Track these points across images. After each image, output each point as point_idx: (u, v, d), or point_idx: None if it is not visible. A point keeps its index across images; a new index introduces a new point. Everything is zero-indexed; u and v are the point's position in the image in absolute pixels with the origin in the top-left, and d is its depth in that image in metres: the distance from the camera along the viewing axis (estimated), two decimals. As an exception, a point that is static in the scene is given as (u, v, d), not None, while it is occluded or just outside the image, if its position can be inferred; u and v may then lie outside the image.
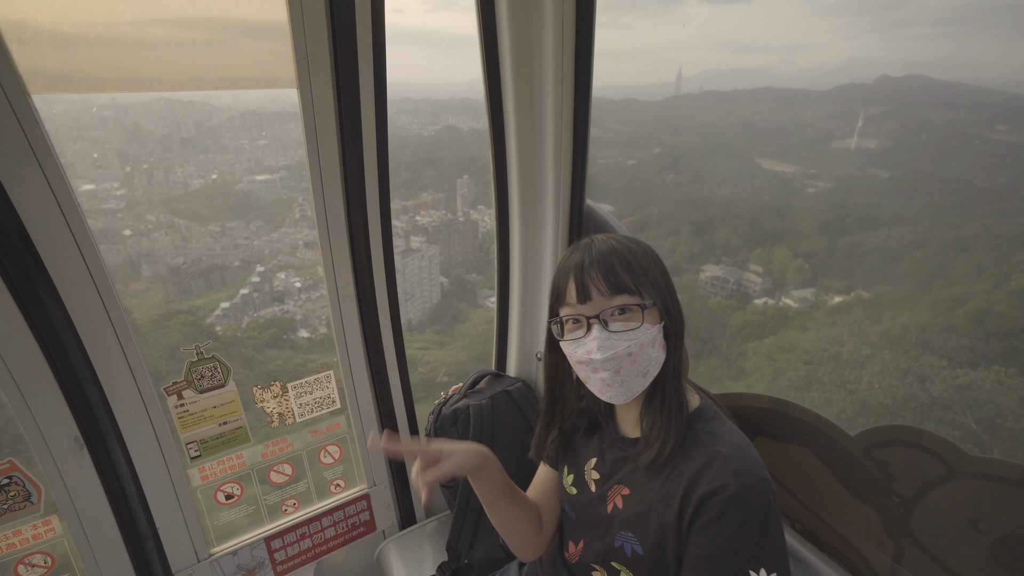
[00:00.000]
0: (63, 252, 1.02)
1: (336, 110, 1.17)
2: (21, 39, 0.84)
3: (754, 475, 0.79)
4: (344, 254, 1.32)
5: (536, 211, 1.57)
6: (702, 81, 2.13)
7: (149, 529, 1.28)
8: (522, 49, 1.34)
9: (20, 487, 1.12)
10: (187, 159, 9.91)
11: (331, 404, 1.48)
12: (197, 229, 8.85)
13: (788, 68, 1.71)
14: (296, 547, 1.49)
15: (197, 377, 1.27)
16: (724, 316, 1.77)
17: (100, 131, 7.30)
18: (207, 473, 1.34)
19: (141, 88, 0.96)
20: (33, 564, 1.17)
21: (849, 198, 1.39)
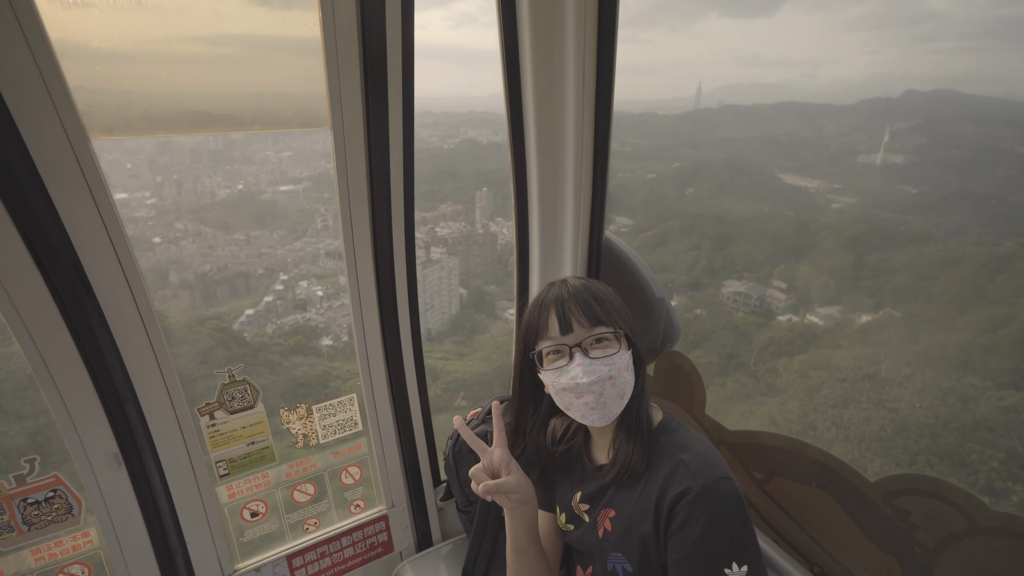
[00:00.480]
0: (112, 283, 1.09)
1: (366, 145, 1.23)
2: (84, 89, 0.91)
3: (713, 475, 0.85)
4: (370, 283, 1.37)
5: (555, 239, 1.60)
6: (722, 95, 2.12)
7: (179, 543, 1.33)
8: (543, 66, 1.36)
9: (63, 500, 1.19)
10: (215, 169, 10.22)
11: (353, 426, 1.52)
12: (223, 237, 9.09)
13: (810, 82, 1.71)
14: (316, 566, 1.52)
15: (228, 399, 1.33)
16: (749, 332, 1.76)
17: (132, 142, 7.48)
18: (234, 491, 1.40)
19: (188, 131, 1.03)
20: (71, 574, 1.23)
21: (876, 214, 1.38)
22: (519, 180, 1.56)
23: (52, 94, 0.92)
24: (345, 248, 1.32)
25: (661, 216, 2.36)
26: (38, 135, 0.93)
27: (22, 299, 1.01)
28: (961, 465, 0.94)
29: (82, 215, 1.02)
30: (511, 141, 1.50)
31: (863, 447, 1.02)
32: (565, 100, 1.39)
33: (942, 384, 1.00)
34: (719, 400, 1.36)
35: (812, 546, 1.20)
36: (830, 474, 1.14)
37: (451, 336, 8.92)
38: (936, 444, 0.96)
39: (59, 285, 1.04)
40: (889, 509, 1.05)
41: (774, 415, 1.17)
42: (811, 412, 1.12)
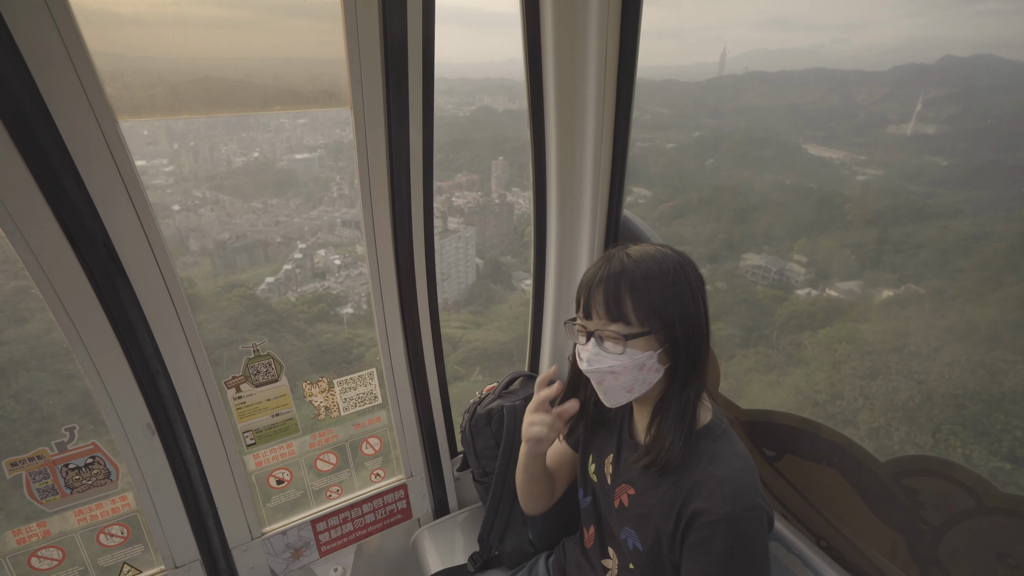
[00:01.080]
0: (141, 261, 1.12)
1: (386, 122, 1.22)
2: (114, 77, 0.92)
3: (745, 502, 0.83)
4: (389, 262, 1.39)
5: (573, 218, 1.60)
6: (747, 61, 2.02)
7: (210, 507, 1.40)
8: (565, 29, 1.31)
9: (102, 466, 1.25)
10: (230, 137, 10.17)
11: (373, 399, 1.57)
12: (240, 205, 9.14)
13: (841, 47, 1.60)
14: (339, 530, 1.60)
15: (253, 372, 1.37)
16: (770, 305, 1.74)
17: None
18: (261, 460, 1.46)
19: (213, 111, 1.04)
20: (112, 534, 1.31)
21: (903, 187, 1.33)
22: (537, 152, 1.53)
23: (82, 79, 0.93)
24: (364, 223, 1.34)
25: (680, 187, 2.31)
26: (69, 118, 0.94)
27: (58, 276, 1.05)
28: (985, 434, 0.95)
29: (111, 195, 1.04)
30: (530, 109, 1.47)
31: (889, 416, 1.03)
32: (587, 66, 1.34)
33: (971, 357, 0.99)
34: (744, 371, 1.39)
35: (820, 521, 1.23)
36: (841, 453, 1.15)
37: (468, 306, 8.97)
38: (962, 414, 0.97)
39: (92, 263, 1.07)
40: (898, 488, 1.07)
41: (800, 385, 1.18)
42: (838, 383, 1.14)
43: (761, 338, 1.65)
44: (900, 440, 0.97)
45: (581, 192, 1.55)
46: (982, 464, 0.88)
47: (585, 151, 1.47)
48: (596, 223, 1.56)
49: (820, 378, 1.18)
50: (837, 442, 1.16)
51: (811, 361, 1.25)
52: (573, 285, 1.69)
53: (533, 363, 1.86)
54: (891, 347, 1.16)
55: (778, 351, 1.52)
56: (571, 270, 1.67)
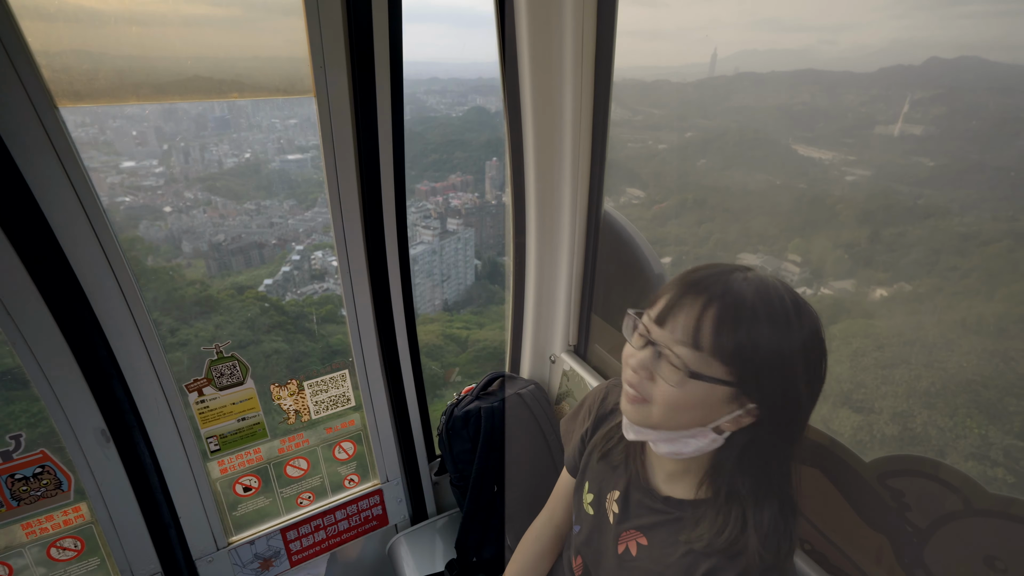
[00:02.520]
0: (88, 255, 1.06)
1: (352, 112, 1.17)
2: (48, 52, 0.86)
3: (776, 550, 0.74)
4: (360, 258, 1.34)
5: (552, 215, 1.55)
6: (738, 62, 2.01)
7: (171, 517, 1.33)
8: (540, 28, 1.28)
9: (52, 476, 1.18)
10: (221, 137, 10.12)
11: (346, 402, 1.51)
12: (233, 207, 9.09)
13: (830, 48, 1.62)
14: (311, 538, 1.54)
15: (217, 375, 1.31)
16: None
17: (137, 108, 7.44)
18: (226, 466, 1.39)
19: (162, 98, 0.98)
20: (64, 547, 1.24)
21: (891, 187, 1.32)
22: (515, 149, 1.49)
23: (15, 63, 0.87)
24: (333, 219, 1.28)
25: (673, 188, 2.31)
26: (1, 104, 0.88)
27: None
28: (999, 417, 0.97)
29: (52, 185, 0.97)
30: (506, 108, 1.44)
31: (911, 401, 1.05)
32: (563, 63, 1.32)
33: (987, 347, 1.00)
34: None
35: (803, 524, 1.18)
36: (824, 453, 1.11)
37: (467, 306, 8.98)
38: (977, 399, 0.99)
39: (33, 257, 1.00)
40: (883, 489, 1.02)
41: None
42: (859, 373, 1.15)
43: None
44: (923, 422, 1.02)
45: (560, 190, 1.51)
46: (998, 442, 0.93)
47: (563, 148, 1.44)
48: (576, 220, 1.52)
49: (842, 369, 1.18)
50: (820, 442, 1.11)
51: (831, 352, 1.26)
52: (553, 283, 1.64)
53: (513, 364, 1.81)
54: (906, 340, 1.16)
55: None
56: (551, 268, 1.62)
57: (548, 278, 1.64)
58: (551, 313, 1.70)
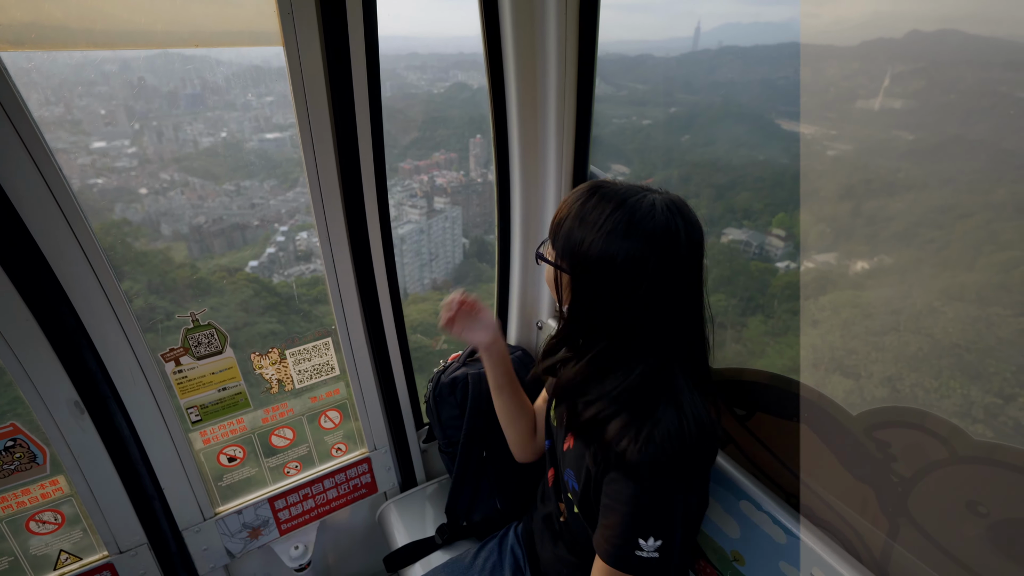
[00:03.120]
0: (47, 219, 1.00)
1: (324, 64, 1.11)
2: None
3: (668, 451, 0.81)
4: (339, 219, 1.29)
5: (538, 179, 1.52)
6: (721, 35, 1.98)
7: (155, 489, 1.31)
8: (523, 7, 1.26)
9: (25, 449, 1.15)
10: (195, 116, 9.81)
11: (330, 371, 1.48)
12: (212, 188, 8.87)
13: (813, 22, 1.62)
14: (300, 507, 1.53)
15: (194, 344, 1.27)
16: (763, 277, 1.75)
17: (105, 86, 7.13)
18: (209, 437, 1.37)
19: (114, 45, 0.91)
20: (44, 521, 1.22)
21: (872, 161, 1.33)
22: (499, 130, 1.48)
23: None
24: (309, 180, 1.23)
25: (658, 164, 2.30)
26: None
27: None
28: (979, 376, 1.01)
29: (1, 142, 0.91)
30: (490, 89, 1.41)
31: (900, 365, 1.10)
32: (547, 40, 1.30)
33: (971, 313, 1.06)
34: (762, 334, 1.49)
35: (790, 478, 1.20)
36: (812, 408, 1.11)
37: (457, 285, 8.99)
38: (960, 361, 1.03)
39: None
40: (869, 441, 1.03)
41: (816, 344, 1.23)
42: (851, 340, 1.20)
43: (759, 307, 1.65)
44: (911, 384, 1.06)
45: (545, 163, 1.49)
46: (979, 400, 0.98)
47: (548, 123, 1.41)
48: (561, 192, 1.48)
49: (834, 337, 1.24)
50: (808, 397, 1.11)
51: (823, 322, 1.26)
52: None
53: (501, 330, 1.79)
54: (893, 309, 1.20)
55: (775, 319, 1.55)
56: (537, 231, 1.59)
57: (533, 245, 1.61)
58: (537, 280, 1.67)
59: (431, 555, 1.48)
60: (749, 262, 1.87)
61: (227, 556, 1.45)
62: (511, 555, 1.29)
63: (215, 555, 1.44)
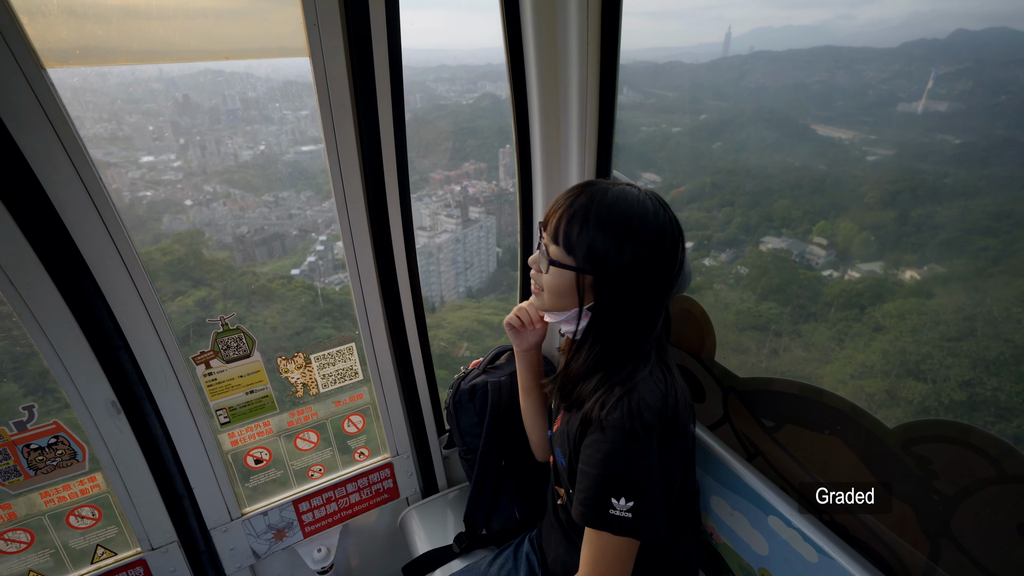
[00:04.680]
0: (88, 225, 1.06)
1: (349, 73, 1.14)
2: (31, 11, 0.85)
3: (642, 419, 0.86)
4: (362, 225, 1.32)
5: (560, 186, 1.52)
6: (753, 40, 1.96)
7: (185, 488, 1.35)
8: (545, 17, 1.28)
9: (66, 446, 1.21)
10: (235, 130, 10.27)
11: (353, 375, 1.51)
12: (252, 199, 9.25)
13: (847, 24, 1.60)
14: (323, 510, 1.55)
15: (223, 347, 1.31)
16: (813, 286, 1.68)
17: (152, 103, 7.54)
18: (237, 439, 1.40)
19: (151, 60, 0.96)
20: (83, 516, 1.27)
21: (915, 166, 1.30)
22: (522, 139, 1.49)
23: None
24: (333, 185, 1.26)
25: (689, 172, 2.28)
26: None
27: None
28: None
29: (45, 150, 0.97)
30: (513, 99, 1.44)
31: (979, 370, 1.07)
32: (568, 49, 1.31)
33: None
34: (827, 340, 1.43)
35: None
36: (845, 421, 1.06)
37: (492, 293, 9.13)
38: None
39: (34, 228, 1.01)
40: (908, 457, 0.97)
41: (887, 349, 1.22)
42: (925, 345, 1.18)
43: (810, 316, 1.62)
44: (991, 388, 1.03)
45: (567, 172, 1.49)
46: None
47: (570, 133, 1.42)
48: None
49: (905, 342, 1.21)
50: (841, 409, 1.06)
51: (891, 329, 1.26)
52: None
53: (523, 337, 1.78)
54: (966, 315, 1.17)
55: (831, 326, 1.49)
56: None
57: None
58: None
59: (450, 563, 1.47)
60: (797, 270, 1.84)
61: (253, 556, 1.48)
62: (526, 561, 1.28)
63: (241, 555, 1.47)
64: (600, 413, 0.88)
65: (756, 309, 1.65)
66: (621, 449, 0.86)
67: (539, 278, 0.97)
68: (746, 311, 1.74)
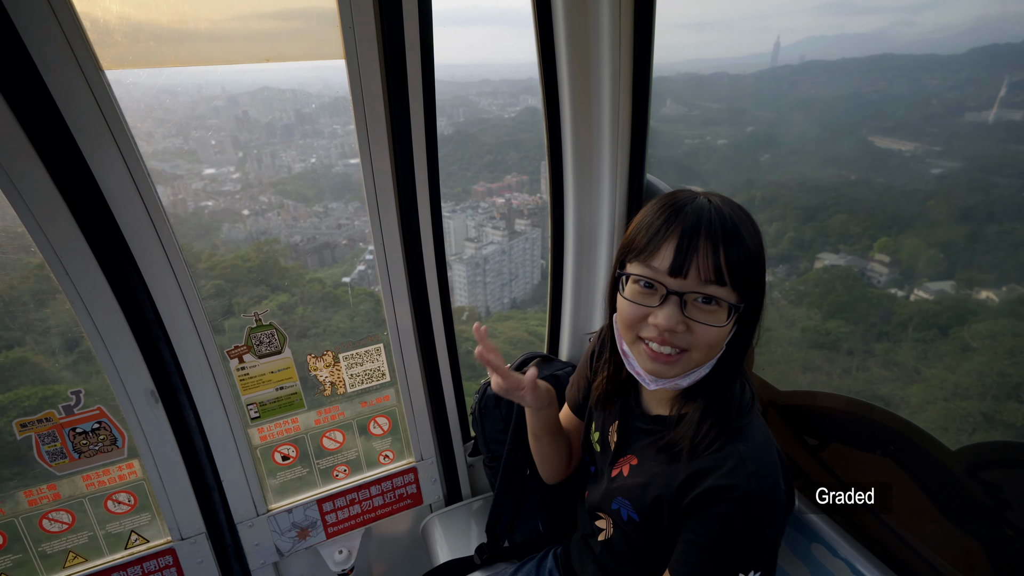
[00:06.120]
0: (137, 222, 1.12)
1: (383, 78, 1.16)
2: (92, 17, 0.91)
3: (768, 482, 0.77)
4: (393, 228, 1.33)
5: (592, 192, 1.49)
6: (803, 50, 1.92)
7: (215, 481, 1.38)
8: (577, 21, 1.28)
9: (108, 432, 1.26)
10: (289, 144, 10.82)
11: (381, 377, 1.51)
12: (304, 209, 9.70)
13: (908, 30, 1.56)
14: (346, 511, 1.55)
15: (256, 343, 1.35)
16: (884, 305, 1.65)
17: (215, 119, 8.01)
18: (266, 434, 1.43)
19: (196, 62, 1.01)
20: (120, 501, 1.32)
21: (986, 180, 1.24)
22: (553, 144, 1.48)
23: (64, 26, 0.93)
24: (364, 182, 1.28)
25: (736, 185, 2.21)
26: (52, 68, 0.94)
27: (56, 236, 1.05)
28: None
29: (101, 147, 1.03)
30: (545, 105, 1.42)
31: None
32: (601, 57, 1.31)
33: None
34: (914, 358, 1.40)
35: (873, 522, 1.04)
36: (900, 441, 0.97)
37: (535, 304, 9.18)
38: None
39: (88, 222, 1.07)
40: (974, 483, 0.87)
41: (982, 370, 1.17)
42: None
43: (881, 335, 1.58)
44: None
45: (599, 167, 1.46)
46: None
47: (602, 144, 1.41)
48: (617, 195, 1.44)
49: (1001, 364, 1.17)
50: (895, 427, 0.97)
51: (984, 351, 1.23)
52: (593, 259, 1.57)
53: (552, 345, 1.75)
54: None
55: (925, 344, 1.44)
56: (590, 244, 1.55)
57: (587, 259, 1.58)
58: (590, 295, 1.62)
59: (471, 575, 1.43)
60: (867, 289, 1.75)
61: (277, 554, 1.50)
62: (550, 579, 1.22)
63: (266, 551, 1.48)
64: (726, 481, 0.76)
65: (823, 327, 1.57)
66: (757, 522, 0.77)
67: (683, 338, 0.77)
68: (812, 328, 1.66)
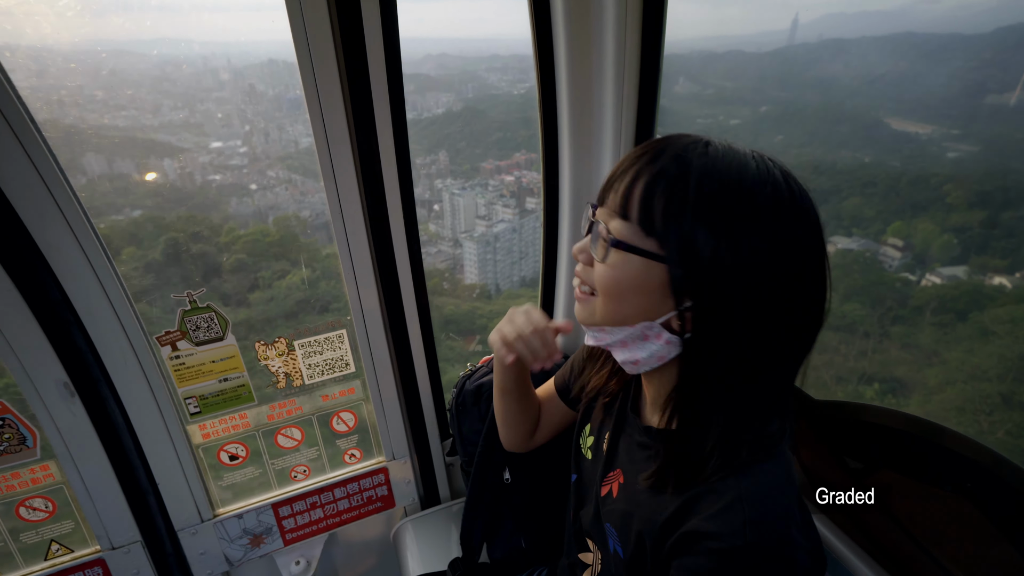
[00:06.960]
0: (26, 182, 0.91)
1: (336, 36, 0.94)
2: None
3: (772, 536, 0.58)
4: (355, 200, 1.12)
5: (591, 181, 1.27)
6: (822, 27, 1.85)
7: (149, 484, 1.21)
8: None
9: (14, 430, 1.08)
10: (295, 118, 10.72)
11: (344, 367, 1.31)
12: (311, 185, 9.62)
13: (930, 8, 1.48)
14: (306, 516, 1.38)
15: (192, 328, 1.15)
16: (899, 289, 1.62)
17: (220, 92, 7.76)
18: (208, 431, 1.25)
19: None
20: (34, 508, 1.15)
21: (1008, 164, 1.20)
22: (548, 128, 1.26)
23: None
24: (317, 144, 1.07)
25: None
26: None
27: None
28: None
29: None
30: (539, 85, 1.21)
31: None
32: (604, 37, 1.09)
33: None
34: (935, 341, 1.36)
35: (927, 563, 0.82)
36: (977, 472, 0.74)
37: None
38: None
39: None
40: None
41: (1004, 354, 1.10)
42: None
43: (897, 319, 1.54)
44: None
45: (600, 164, 1.24)
46: None
47: (604, 132, 1.20)
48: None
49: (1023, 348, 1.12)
50: (973, 457, 0.74)
51: (1006, 336, 1.17)
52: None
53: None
54: None
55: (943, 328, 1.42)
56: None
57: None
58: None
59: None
60: (882, 272, 1.67)
61: (226, 563, 1.33)
62: (531, 612, 1.04)
63: (213, 560, 1.32)
64: (709, 526, 0.59)
65: (839, 310, 1.44)
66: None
67: (588, 274, 0.65)
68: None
